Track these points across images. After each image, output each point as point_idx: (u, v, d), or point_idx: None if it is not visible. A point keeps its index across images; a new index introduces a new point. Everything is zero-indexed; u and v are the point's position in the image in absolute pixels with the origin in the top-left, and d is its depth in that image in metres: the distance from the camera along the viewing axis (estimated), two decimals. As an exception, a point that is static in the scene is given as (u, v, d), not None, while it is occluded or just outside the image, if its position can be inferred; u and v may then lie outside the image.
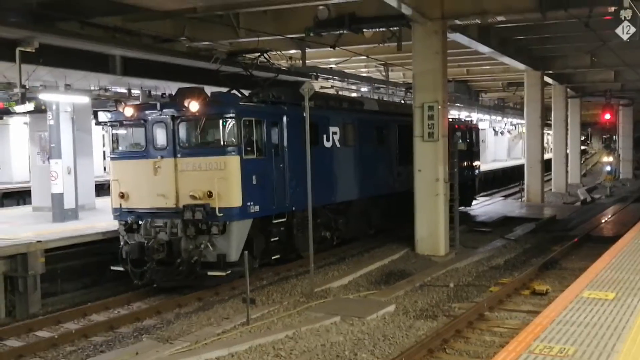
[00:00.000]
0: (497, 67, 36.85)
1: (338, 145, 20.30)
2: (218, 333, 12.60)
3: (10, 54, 16.71)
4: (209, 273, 15.65)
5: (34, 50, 16.72)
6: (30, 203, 26.03)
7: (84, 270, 17.59)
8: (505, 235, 24.11)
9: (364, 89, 34.15)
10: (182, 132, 16.33)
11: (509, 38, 28.61)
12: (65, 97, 20.41)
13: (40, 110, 20.56)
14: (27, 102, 17.90)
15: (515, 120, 64.23)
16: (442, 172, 20.26)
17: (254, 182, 16.29)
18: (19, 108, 17.86)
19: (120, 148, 17.22)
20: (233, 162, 15.85)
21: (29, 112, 20.91)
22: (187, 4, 19.17)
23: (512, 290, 15.78)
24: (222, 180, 15.71)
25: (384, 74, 34.78)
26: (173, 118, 16.24)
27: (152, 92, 23.10)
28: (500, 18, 21.38)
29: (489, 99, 56.94)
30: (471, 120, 36.41)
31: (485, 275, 17.98)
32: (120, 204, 16.69)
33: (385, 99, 33.26)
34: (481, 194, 36.73)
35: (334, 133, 20.12)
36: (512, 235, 24.26)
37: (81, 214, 21.70)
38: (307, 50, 25.69)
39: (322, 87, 29.02)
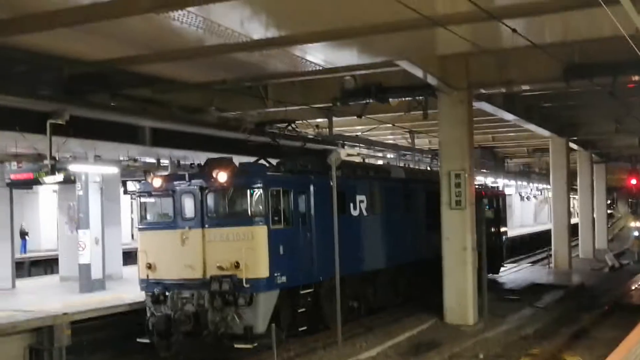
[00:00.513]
0: (523, 133, 36.84)
1: (365, 213, 20.25)
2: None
3: (42, 126, 16.92)
4: (236, 345, 15.48)
5: (64, 123, 16.93)
6: (57, 272, 26.16)
7: (110, 342, 17.47)
8: (534, 303, 23.77)
9: (390, 155, 34.24)
10: (210, 202, 16.39)
11: (534, 105, 28.66)
12: (95, 168, 20.66)
13: (69, 180, 20.74)
14: (56, 174, 18.05)
15: (541, 186, 63.97)
16: (470, 240, 20.15)
17: (281, 252, 16.24)
18: (48, 179, 18.03)
19: (148, 218, 17.29)
20: (260, 233, 15.85)
21: (58, 182, 21.08)
22: (217, 76, 19.43)
23: (543, 361, 15.53)
24: (250, 251, 15.67)
25: (409, 141, 34.88)
26: (201, 188, 16.33)
27: (181, 162, 23.30)
28: (525, 87, 21.46)
29: (515, 165, 56.84)
30: (497, 187, 36.32)
31: (514, 346, 17.64)
32: (148, 275, 16.60)
33: (411, 165, 33.31)
34: (509, 261, 36.37)
35: (361, 201, 20.09)
36: (540, 303, 23.92)
37: (108, 283, 21.74)
38: (334, 118, 25.87)
39: (348, 155, 29.12)
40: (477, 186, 24.09)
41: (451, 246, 20.18)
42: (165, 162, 23.12)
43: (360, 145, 30.81)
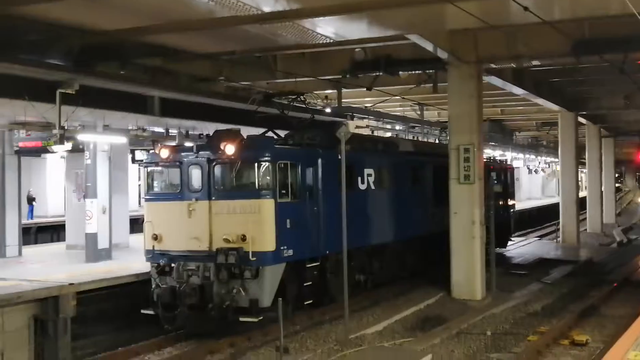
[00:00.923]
0: (531, 107, 36.67)
1: (373, 187, 20.14)
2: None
3: (51, 95, 16.84)
4: (241, 319, 15.43)
5: (74, 92, 16.85)
6: (64, 239, 26.18)
7: (115, 313, 17.39)
8: (542, 278, 23.72)
9: (399, 127, 34.10)
10: (218, 174, 16.25)
11: (543, 80, 28.51)
12: (103, 137, 20.58)
13: (77, 149, 20.66)
14: (65, 142, 17.97)
15: (549, 159, 63.83)
16: (478, 215, 20.08)
17: (288, 226, 16.15)
18: (57, 148, 17.95)
19: (155, 189, 17.20)
20: (267, 206, 15.74)
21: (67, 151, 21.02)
22: (227, 47, 19.29)
23: (550, 339, 15.46)
24: (256, 224, 15.56)
25: (418, 113, 34.72)
26: (209, 160, 16.18)
27: (190, 132, 23.20)
28: (534, 62, 21.28)
29: (523, 138, 56.66)
30: (506, 160, 36.18)
31: (522, 322, 17.57)
32: (153, 246, 16.50)
33: (420, 138, 33.16)
34: (516, 234, 36.33)
35: (369, 175, 19.98)
36: (548, 278, 23.87)
37: (115, 253, 21.67)
38: (343, 90, 25.71)
39: (357, 127, 28.98)
40: (485, 160, 23.96)
41: (459, 221, 20.12)
42: (173, 132, 23.02)
43: (369, 117, 30.66)
